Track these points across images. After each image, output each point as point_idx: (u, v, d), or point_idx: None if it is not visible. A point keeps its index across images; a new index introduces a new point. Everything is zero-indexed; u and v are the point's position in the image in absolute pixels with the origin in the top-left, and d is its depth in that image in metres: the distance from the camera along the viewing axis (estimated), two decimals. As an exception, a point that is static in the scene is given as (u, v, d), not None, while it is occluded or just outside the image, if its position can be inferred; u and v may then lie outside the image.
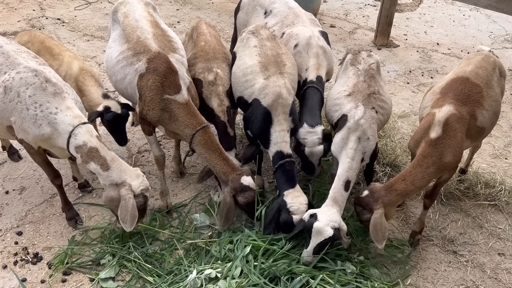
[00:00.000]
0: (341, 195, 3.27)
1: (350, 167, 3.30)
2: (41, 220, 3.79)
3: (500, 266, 3.64)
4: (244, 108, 3.81)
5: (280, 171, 3.51)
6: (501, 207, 4.16)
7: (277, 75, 3.63)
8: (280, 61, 3.73)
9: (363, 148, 3.36)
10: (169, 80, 3.42)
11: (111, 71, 3.79)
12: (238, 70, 3.84)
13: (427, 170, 3.20)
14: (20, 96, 3.19)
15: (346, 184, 3.29)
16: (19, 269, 3.37)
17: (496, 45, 7.66)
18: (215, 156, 3.42)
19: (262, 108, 3.56)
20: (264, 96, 3.56)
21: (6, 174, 4.27)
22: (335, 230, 3.12)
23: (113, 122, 3.86)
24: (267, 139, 3.57)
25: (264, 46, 3.82)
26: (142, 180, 3.29)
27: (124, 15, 3.85)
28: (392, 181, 3.27)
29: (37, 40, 4.24)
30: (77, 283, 3.28)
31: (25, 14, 7.45)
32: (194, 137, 3.41)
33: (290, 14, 4.34)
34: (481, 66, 3.58)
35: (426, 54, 7.22)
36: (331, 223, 3.11)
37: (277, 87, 3.55)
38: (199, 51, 4.00)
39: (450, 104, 3.29)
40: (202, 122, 3.45)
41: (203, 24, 4.30)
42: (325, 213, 3.16)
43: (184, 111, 3.42)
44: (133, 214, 3.14)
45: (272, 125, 3.55)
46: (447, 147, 3.20)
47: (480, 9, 8.98)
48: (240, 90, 3.78)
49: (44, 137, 3.22)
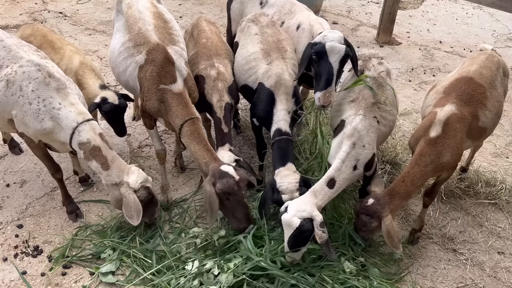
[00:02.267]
0: (321, 189, 3.16)
1: (339, 167, 3.19)
2: (41, 214, 3.80)
3: (500, 264, 3.64)
4: (249, 96, 3.86)
5: (275, 147, 3.56)
6: (502, 206, 4.16)
7: (279, 60, 3.73)
8: (282, 47, 3.82)
9: (357, 155, 3.24)
10: (165, 70, 3.44)
11: (114, 63, 3.81)
12: (241, 59, 3.90)
13: (425, 169, 3.18)
14: (22, 90, 3.19)
15: (330, 181, 3.17)
16: (19, 262, 3.38)
17: (499, 43, 7.64)
18: (199, 148, 3.39)
19: (266, 89, 3.65)
20: (267, 78, 3.65)
21: (7, 167, 4.27)
22: (305, 220, 2.98)
23: (111, 113, 3.86)
24: (270, 119, 3.63)
25: (265, 33, 3.90)
26: (138, 174, 3.32)
27: (128, 5, 3.85)
28: (393, 186, 3.22)
29: (39, 34, 4.24)
30: (77, 277, 3.29)
31: (27, 8, 7.44)
32: (182, 127, 3.41)
33: (286, 3, 4.39)
34: (485, 65, 3.56)
35: (429, 52, 7.20)
36: (298, 213, 2.98)
37: (279, 69, 3.65)
38: (201, 48, 4.00)
39: (452, 104, 3.28)
40: (192, 114, 3.45)
41: (203, 21, 4.29)
42: (295, 204, 3.06)
43: (176, 101, 3.44)
44: (137, 209, 3.20)
45: (275, 105, 3.62)
46: (446, 146, 3.19)
47: (483, 7, 8.95)
48: (244, 78, 3.83)
49: (46, 131, 3.22)
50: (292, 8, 4.33)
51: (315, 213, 3.03)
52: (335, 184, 3.19)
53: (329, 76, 3.32)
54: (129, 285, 3.19)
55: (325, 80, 3.32)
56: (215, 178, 3.24)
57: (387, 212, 3.11)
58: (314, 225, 3.01)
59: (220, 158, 3.46)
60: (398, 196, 3.18)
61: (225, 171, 3.24)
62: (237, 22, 4.72)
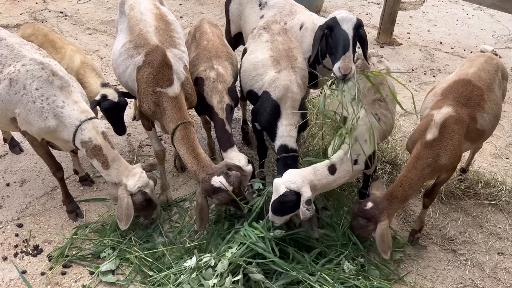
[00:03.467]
0: (322, 170, 3.17)
1: (341, 157, 3.22)
2: (41, 213, 3.80)
3: (499, 265, 3.64)
4: (254, 101, 3.82)
5: (282, 163, 3.50)
6: (502, 206, 4.16)
7: (288, 69, 3.63)
8: (292, 55, 3.72)
9: (358, 149, 3.27)
10: (162, 73, 3.43)
11: (115, 64, 3.82)
12: (248, 64, 3.84)
13: (422, 172, 3.16)
14: (26, 89, 3.20)
15: (331, 167, 3.21)
16: (19, 261, 3.38)
17: (499, 44, 7.64)
18: (188, 154, 3.37)
19: (271, 101, 3.55)
20: (274, 89, 3.56)
21: (7, 167, 4.27)
22: (290, 192, 3.00)
23: (110, 110, 3.82)
24: (274, 132, 3.56)
25: (276, 40, 3.81)
26: (139, 177, 3.31)
27: (131, 7, 3.86)
28: (391, 190, 3.22)
29: (40, 33, 4.24)
30: (77, 276, 3.29)
31: (27, 7, 7.44)
32: (175, 132, 3.40)
33: (286, 4, 4.38)
34: (484, 68, 3.55)
35: (429, 52, 7.20)
36: (288, 183, 3.01)
37: (288, 81, 3.55)
38: (202, 50, 3.98)
39: (449, 106, 3.27)
40: (185, 118, 3.43)
41: (205, 24, 4.27)
42: (291, 173, 3.08)
43: (171, 105, 3.42)
44: (128, 214, 3.21)
45: (280, 118, 3.54)
46: (443, 149, 3.18)
47: (483, 9, 8.96)
48: (250, 83, 3.79)
49: (50, 129, 3.24)
50: (293, 9, 4.33)
51: (304, 189, 3.03)
52: (336, 172, 3.21)
53: (345, 42, 3.28)
54: (129, 284, 3.20)
55: (342, 46, 3.27)
56: (208, 193, 3.28)
57: (385, 217, 3.13)
58: (301, 200, 3.01)
59: (233, 159, 3.48)
60: (396, 201, 3.18)
61: (217, 186, 3.24)
62: (236, 22, 4.72)
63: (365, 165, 3.35)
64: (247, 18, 4.54)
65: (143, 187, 3.32)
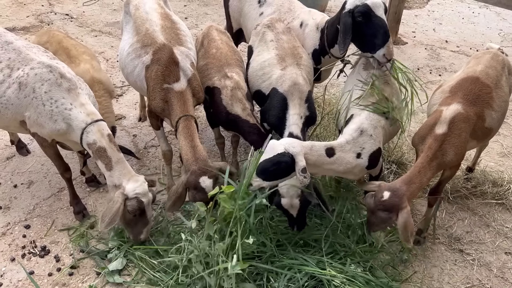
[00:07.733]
0: (319, 148, 3.08)
1: (341, 144, 3.15)
2: (48, 214, 3.83)
3: (507, 265, 3.62)
4: (262, 101, 3.83)
5: None
6: (509, 206, 4.13)
7: (294, 65, 3.67)
8: (297, 53, 3.77)
9: (363, 142, 3.21)
10: (169, 70, 3.48)
11: (123, 64, 3.85)
12: (255, 64, 3.87)
13: (431, 164, 3.13)
14: (35, 92, 3.23)
15: (329, 149, 3.10)
16: (26, 262, 3.41)
17: (506, 42, 7.59)
18: (186, 143, 3.38)
19: (279, 95, 3.57)
20: (281, 84, 3.58)
21: (14, 168, 4.31)
22: (288, 153, 2.91)
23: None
24: (283, 125, 3.54)
25: (281, 39, 3.86)
26: (140, 184, 3.27)
27: (135, 7, 3.89)
28: (410, 175, 3.10)
29: (55, 40, 4.24)
30: (84, 277, 3.31)
31: (34, 10, 7.50)
32: (178, 124, 3.43)
33: (285, 1, 4.38)
34: (491, 65, 3.54)
35: (435, 51, 7.17)
36: (287, 145, 2.94)
37: (294, 74, 3.58)
38: (211, 59, 3.94)
39: (459, 103, 3.27)
40: (188, 112, 3.47)
41: (213, 31, 4.22)
42: (290, 139, 3.05)
43: (177, 99, 3.47)
44: (113, 218, 3.13)
45: (288, 110, 3.54)
46: (451, 145, 3.17)
47: (489, 7, 8.90)
48: (258, 83, 3.80)
49: (60, 132, 3.28)
50: (291, 6, 4.33)
51: (300, 158, 2.95)
52: (333, 156, 3.11)
53: (385, 29, 3.36)
54: (136, 285, 3.21)
55: (383, 33, 3.35)
56: (190, 186, 3.27)
57: (406, 203, 2.99)
58: (296, 169, 2.94)
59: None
60: (414, 186, 3.07)
61: (202, 187, 3.23)
62: (236, 19, 4.76)
63: (369, 163, 3.27)
64: (246, 15, 4.57)
65: (141, 195, 3.26)
